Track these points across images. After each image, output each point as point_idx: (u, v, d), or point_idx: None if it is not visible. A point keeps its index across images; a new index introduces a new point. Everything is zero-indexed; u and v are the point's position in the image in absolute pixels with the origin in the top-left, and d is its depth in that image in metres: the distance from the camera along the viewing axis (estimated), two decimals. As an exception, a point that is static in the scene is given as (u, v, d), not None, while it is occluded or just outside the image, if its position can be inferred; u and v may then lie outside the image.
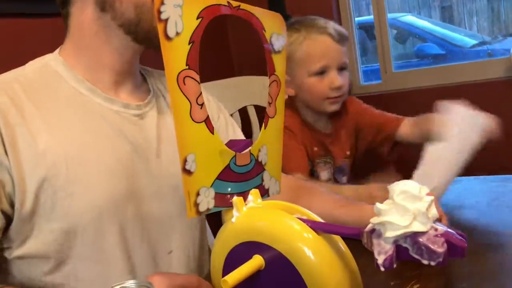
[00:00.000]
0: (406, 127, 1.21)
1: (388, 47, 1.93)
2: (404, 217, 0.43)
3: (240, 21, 0.58)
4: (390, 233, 0.44)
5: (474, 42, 3.63)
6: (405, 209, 0.44)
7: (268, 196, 0.61)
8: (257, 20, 0.58)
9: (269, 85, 0.60)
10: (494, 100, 1.66)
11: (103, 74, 0.78)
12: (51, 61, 0.77)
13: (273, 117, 0.62)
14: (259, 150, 0.60)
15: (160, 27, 0.46)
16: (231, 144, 0.57)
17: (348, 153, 1.27)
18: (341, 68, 1.18)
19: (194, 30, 0.49)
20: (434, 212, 0.45)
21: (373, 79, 2.01)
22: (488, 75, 1.71)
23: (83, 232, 0.71)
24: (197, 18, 0.49)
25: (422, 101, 1.84)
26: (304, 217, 0.53)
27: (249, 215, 0.55)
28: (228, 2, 0.54)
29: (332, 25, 1.19)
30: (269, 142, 0.61)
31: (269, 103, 0.61)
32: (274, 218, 0.52)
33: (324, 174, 1.22)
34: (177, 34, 0.48)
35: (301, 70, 1.18)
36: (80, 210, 0.70)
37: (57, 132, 0.71)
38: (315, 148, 1.22)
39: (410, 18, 3.72)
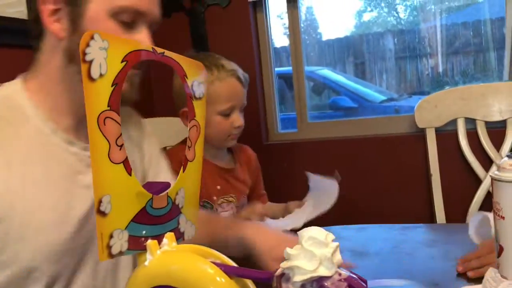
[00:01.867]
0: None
1: (305, 98, 2.03)
2: (311, 262, 0.46)
3: (163, 66, 0.60)
4: (298, 277, 0.46)
5: (383, 98, 3.89)
6: (312, 254, 0.46)
7: (183, 240, 0.61)
8: (179, 67, 0.60)
9: (189, 129, 0.62)
10: (400, 153, 1.80)
11: (65, 117, 0.77)
12: (15, 93, 0.75)
13: (192, 160, 0.63)
14: (177, 193, 0.60)
15: (83, 68, 0.47)
16: (148, 186, 0.57)
17: (247, 191, 1.36)
18: (242, 109, 1.29)
19: (118, 73, 0.50)
20: (338, 257, 0.48)
21: (290, 127, 2.09)
22: (395, 129, 1.84)
23: (33, 276, 0.68)
24: (122, 62, 0.50)
25: (335, 151, 1.95)
26: (218, 261, 0.54)
27: (163, 259, 0.54)
28: (152, 48, 0.55)
29: (237, 68, 1.28)
30: (187, 186, 0.62)
31: (189, 147, 0.62)
32: (187, 262, 0.53)
33: (225, 214, 1.28)
34: (101, 75, 0.48)
35: (209, 107, 1.23)
36: (31, 254, 0.67)
37: (16, 173, 0.69)
38: (218, 187, 1.26)
39: (326, 72, 3.94)
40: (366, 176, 1.86)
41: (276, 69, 2.39)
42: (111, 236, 0.52)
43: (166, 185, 0.59)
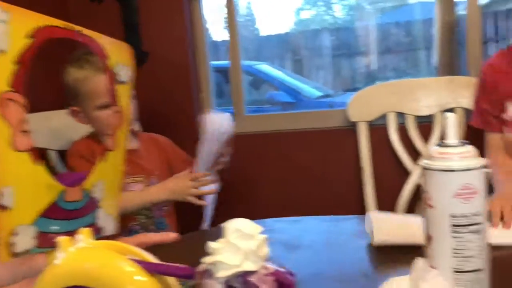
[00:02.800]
0: None
1: (241, 91, 2.01)
2: (235, 256, 0.43)
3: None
4: (222, 273, 0.43)
5: (319, 93, 3.96)
6: (237, 248, 0.43)
7: (102, 235, 0.57)
8: (100, 48, 0.55)
9: (110, 116, 0.57)
10: (333, 146, 1.82)
11: None
12: None
13: (113, 150, 0.58)
14: (94, 186, 0.55)
15: None
16: (60, 177, 0.52)
17: (157, 173, 1.37)
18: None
19: (23, 50, 0.44)
20: (265, 251, 0.45)
21: (228, 121, 2.07)
22: (329, 124, 1.86)
23: None
24: (28, 38, 0.44)
25: (271, 145, 1.95)
26: (138, 258, 0.50)
27: (76, 257, 0.49)
28: (67, 25, 0.50)
29: None
30: (107, 177, 0.58)
31: (109, 136, 0.58)
32: (103, 259, 0.48)
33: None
34: (1, 51, 0.43)
35: (89, 103, 1.26)
36: None
37: None
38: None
39: (265, 67, 3.95)
40: (300, 168, 1.87)
41: (215, 62, 2.35)
42: (14, 233, 0.47)
43: (81, 177, 0.54)
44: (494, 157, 1.18)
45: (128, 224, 1.29)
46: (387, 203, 1.61)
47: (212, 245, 0.45)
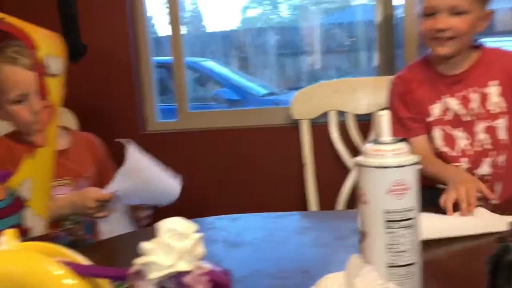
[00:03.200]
0: None
1: (184, 88, 1.98)
2: (169, 257, 0.42)
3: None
4: (154, 274, 0.42)
5: (265, 91, 3.98)
6: (171, 247, 0.42)
7: (26, 237, 0.54)
8: (27, 37, 0.52)
9: (39, 111, 0.54)
10: (277, 143, 1.83)
11: None
12: None
13: (43, 147, 0.55)
14: (21, 185, 0.52)
15: None
16: None
17: (88, 175, 1.30)
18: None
19: None
20: (200, 250, 0.44)
21: (173, 118, 2.04)
22: (273, 121, 1.87)
23: None
24: None
25: (215, 141, 1.94)
26: (69, 260, 0.47)
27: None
28: None
29: (20, 56, 1.17)
30: (35, 176, 0.55)
31: (37, 131, 0.54)
32: (28, 262, 0.46)
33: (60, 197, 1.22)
34: None
35: (2, 98, 1.18)
36: None
37: None
38: None
39: (210, 64, 3.92)
40: (244, 166, 1.87)
41: (159, 58, 2.30)
42: None
43: (4, 175, 0.51)
44: (426, 156, 1.24)
45: (53, 231, 1.22)
46: (328, 200, 1.64)
47: (144, 245, 0.43)
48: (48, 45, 0.55)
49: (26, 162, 0.54)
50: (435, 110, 1.28)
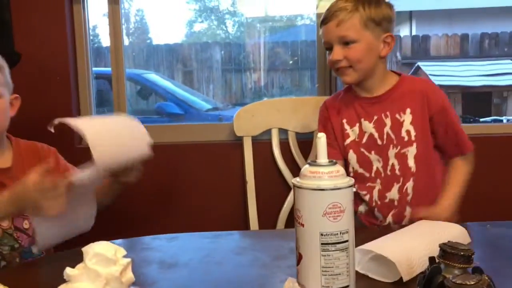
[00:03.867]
0: None
1: (125, 100, 1.93)
2: (95, 283, 0.39)
3: None
4: (77, 303, 0.39)
5: (209, 106, 3.96)
6: (97, 273, 0.40)
7: None
8: None
9: None
10: (220, 160, 1.82)
11: None
12: None
13: None
14: None
15: None
16: None
17: None
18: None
19: None
20: (129, 276, 0.42)
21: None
22: (216, 137, 1.86)
23: None
24: None
25: (156, 156, 1.89)
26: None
27: None
28: None
29: None
30: None
31: None
32: None
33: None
34: None
35: None
36: None
37: None
38: None
39: (154, 76, 3.86)
40: (187, 182, 1.84)
41: (99, 69, 2.22)
42: None
43: None
44: None
45: None
46: (269, 218, 1.64)
47: (69, 271, 0.41)
48: None
49: None
50: (353, 132, 1.32)
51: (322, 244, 0.57)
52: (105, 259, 0.41)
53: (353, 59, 1.24)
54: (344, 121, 1.34)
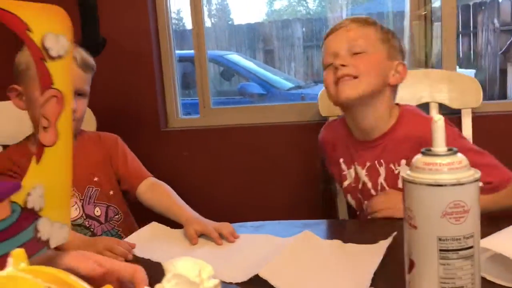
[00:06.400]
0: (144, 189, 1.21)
1: (207, 82, 1.91)
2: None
3: None
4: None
5: (291, 85, 3.90)
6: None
7: (49, 248, 0.47)
8: (15, 18, 0.43)
9: (43, 104, 0.46)
10: (304, 141, 1.73)
11: None
12: None
13: (52, 145, 0.47)
14: (28, 195, 0.45)
15: None
16: None
17: (97, 179, 1.19)
18: (79, 94, 1.15)
19: None
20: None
21: (196, 113, 1.97)
22: (300, 117, 1.78)
23: None
24: None
25: (238, 139, 1.86)
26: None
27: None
28: None
29: (80, 51, 1.15)
30: (47, 179, 0.47)
31: (45, 128, 0.47)
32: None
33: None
34: None
35: (35, 85, 1.07)
36: None
37: None
38: None
39: (235, 57, 3.86)
40: (269, 164, 1.78)
41: (184, 51, 2.21)
42: None
43: (9, 188, 0.43)
44: None
45: None
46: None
47: None
48: (46, 22, 0.46)
49: (33, 167, 0.46)
50: (349, 175, 1.16)
51: (440, 250, 0.47)
52: (187, 282, 0.34)
53: (361, 68, 1.05)
54: (341, 160, 1.18)
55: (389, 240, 0.78)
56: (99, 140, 1.26)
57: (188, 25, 2.00)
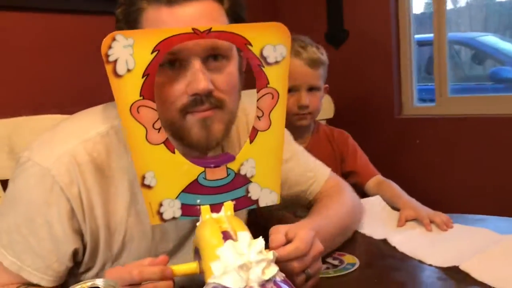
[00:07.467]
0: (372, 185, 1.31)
1: (445, 70, 1.85)
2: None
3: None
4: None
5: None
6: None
7: (258, 206, 0.64)
8: (237, 37, 0.58)
9: (259, 98, 0.61)
10: None
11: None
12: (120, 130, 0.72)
13: (265, 130, 0.62)
14: (242, 164, 0.62)
15: (108, 68, 0.53)
16: (201, 161, 0.61)
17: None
18: (310, 89, 1.28)
19: (149, 64, 0.54)
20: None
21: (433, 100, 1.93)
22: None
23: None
24: (152, 52, 0.54)
25: (476, 130, 1.74)
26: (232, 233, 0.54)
27: (203, 224, 0.59)
28: (193, 29, 0.56)
29: (306, 50, 1.26)
30: (258, 156, 0.62)
31: (259, 117, 0.62)
32: (204, 230, 0.57)
33: None
34: (128, 71, 0.54)
35: None
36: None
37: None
38: None
39: (491, 38, 3.50)
40: (507, 161, 1.65)
41: (423, 36, 2.16)
42: (161, 205, 0.59)
43: (225, 159, 0.62)
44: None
45: None
46: None
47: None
48: (265, 36, 0.59)
49: (247, 145, 0.62)
50: None
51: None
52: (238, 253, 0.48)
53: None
54: None
55: None
56: (332, 137, 1.38)
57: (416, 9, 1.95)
